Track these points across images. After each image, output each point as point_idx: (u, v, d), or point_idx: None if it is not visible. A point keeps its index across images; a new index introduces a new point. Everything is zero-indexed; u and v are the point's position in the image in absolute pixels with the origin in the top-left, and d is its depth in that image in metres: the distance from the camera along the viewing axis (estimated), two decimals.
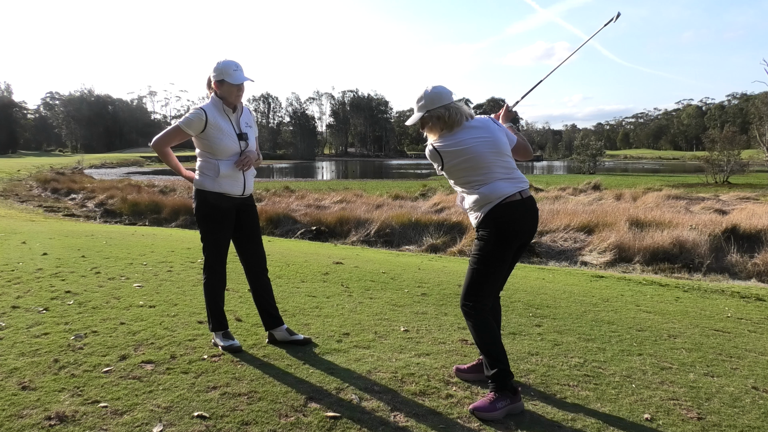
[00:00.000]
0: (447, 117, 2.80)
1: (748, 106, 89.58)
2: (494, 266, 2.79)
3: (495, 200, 2.76)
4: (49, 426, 2.41)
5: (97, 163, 58.15)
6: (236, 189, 3.37)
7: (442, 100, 2.81)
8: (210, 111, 3.27)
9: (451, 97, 2.85)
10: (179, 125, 3.27)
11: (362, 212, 14.61)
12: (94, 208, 19.70)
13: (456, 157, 2.80)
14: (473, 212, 2.86)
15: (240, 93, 3.31)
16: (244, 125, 3.39)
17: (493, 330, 2.82)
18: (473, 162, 2.79)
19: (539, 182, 29.98)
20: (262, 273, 3.57)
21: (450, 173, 2.88)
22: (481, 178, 2.80)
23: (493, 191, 2.77)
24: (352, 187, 27.14)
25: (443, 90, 2.84)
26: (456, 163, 2.81)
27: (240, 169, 3.32)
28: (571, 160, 60.95)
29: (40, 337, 3.47)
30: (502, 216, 2.75)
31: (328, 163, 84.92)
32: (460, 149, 2.79)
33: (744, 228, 11.23)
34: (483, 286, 2.80)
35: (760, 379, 3.33)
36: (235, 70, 3.24)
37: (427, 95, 2.83)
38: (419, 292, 5.26)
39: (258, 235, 3.57)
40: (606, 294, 5.93)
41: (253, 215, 3.55)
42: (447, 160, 2.82)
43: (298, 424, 2.51)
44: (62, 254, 6.53)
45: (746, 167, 36.64)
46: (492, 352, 2.76)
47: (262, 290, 3.57)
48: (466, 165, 2.80)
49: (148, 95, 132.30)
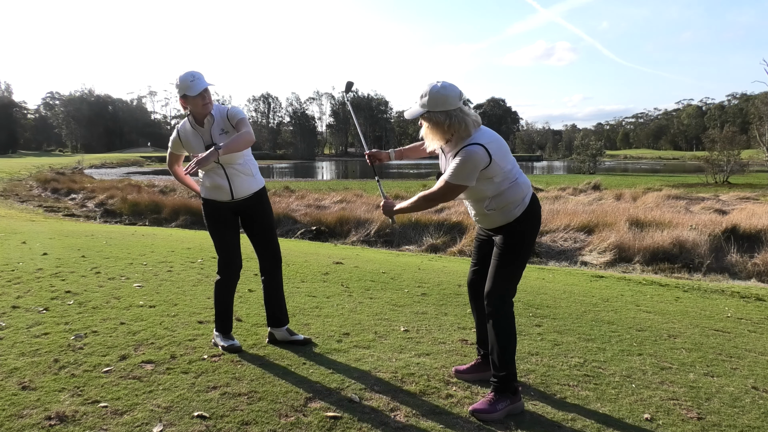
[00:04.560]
0: (446, 126, 2.60)
1: (748, 106, 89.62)
2: (526, 259, 2.81)
3: (529, 192, 2.76)
4: (49, 426, 2.41)
5: (97, 163, 58.15)
6: (223, 196, 3.38)
7: (446, 105, 2.57)
8: (182, 129, 3.38)
9: (458, 101, 2.60)
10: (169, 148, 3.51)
11: (362, 212, 14.60)
12: (94, 208, 19.69)
13: (498, 147, 2.61)
14: (512, 207, 2.70)
15: (205, 102, 3.21)
16: (217, 134, 3.28)
17: (515, 330, 2.81)
18: (505, 150, 2.68)
19: (539, 182, 29.96)
20: (273, 270, 3.54)
21: (494, 168, 2.60)
22: (515, 167, 2.72)
23: (526, 183, 2.76)
24: (352, 187, 27.12)
25: (450, 92, 2.58)
26: (500, 154, 2.61)
27: (188, 172, 3.11)
28: (571, 160, 60.90)
29: (40, 337, 3.47)
30: (535, 208, 2.77)
31: (328, 163, 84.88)
32: (495, 139, 2.64)
33: (744, 228, 11.23)
34: (516, 281, 2.80)
35: (760, 379, 3.33)
36: (192, 81, 3.14)
37: (431, 95, 2.58)
38: (419, 292, 5.26)
39: (266, 236, 3.52)
40: (606, 294, 5.93)
41: (262, 215, 3.50)
42: (494, 153, 2.58)
43: (298, 424, 2.51)
44: (62, 254, 6.53)
45: (746, 167, 36.62)
46: (512, 353, 2.75)
47: (269, 288, 3.56)
48: (503, 153, 2.64)
49: (148, 95, 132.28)
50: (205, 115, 3.27)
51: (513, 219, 2.72)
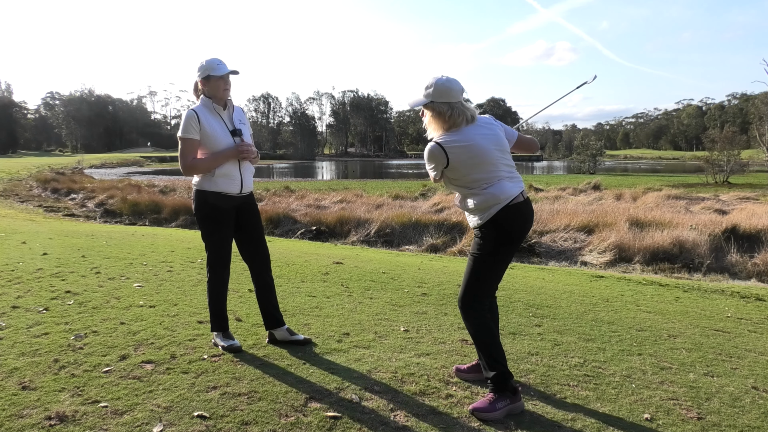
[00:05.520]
0: (447, 116, 2.71)
1: (748, 106, 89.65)
2: (496, 266, 2.78)
3: (503, 201, 2.72)
4: (49, 426, 2.41)
5: (97, 163, 58.15)
6: (233, 187, 3.35)
7: (449, 97, 2.70)
8: (200, 111, 3.30)
9: (461, 95, 2.74)
10: (180, 136, 3.28)
11: (362, 212, 14.60)
12: (94, 208, 19.69)
13: (464, 153, 2.69)
14: (477, 213, 2.78)
15: (227, 87, 3.33)
16: (237, 122, 3.40)
17: (491, 330, 2.81)
18: (481, 159, 2.72)
19: (539, 182, 29.96)
20: (265, 273, 3.55)
21: (455, 171, 2.74)
22: (488, 176, 2.73)
23: (501, 192, 2.72)
24: (352, 187, 27.13)
25: (454, 86, 2.72)
26: (464, 160, 2.70)
27: (240, 156, 3.28)
28: (571, 160, 60.90)
29: (40, 337, 3.47)
30: (507, 218, 2.73)
31: (328, 163, 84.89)
32: (468, 144, 2.70)
33: (744, 228, 11.23)
34: (482, 286, 2.79)
35: (760, 379, 3.33)
36: (219, 64, 3.28)
37: (436, 86, 2.70)
38: (419, 292, 5.26)
39: (260, 236, 3.54)
40: (606, 294, 5.93)
41: (254, 215, 3.53)
42: (453, 157, 2.69)
43: (298, 424, 2.51)
44: (62, 254, 6.53)
45: (746, 167, 36.64)
46: (492, 353, 2.75)
47: (263, 290, 3.56)
48: (473, 162, 2.71)
49: (148, 95, 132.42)
50: (224, 100, 3.36)
51: (478, 225, 2.79)
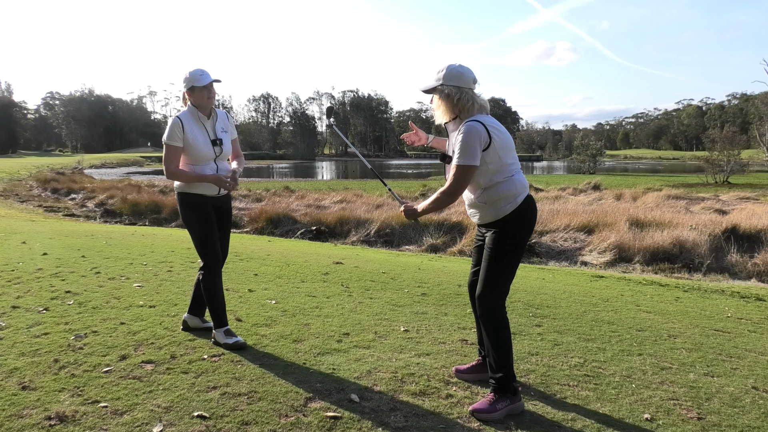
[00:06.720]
0: (456, 99, 2.69)
1: (748, 106, 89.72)
2: (517, 260, 2.78)
3: (524, 191, 2.75)
4: (49, 426, 2.41)
5: (97, 163, 58.16)
6: (212, 190, 3.52)
7: (460, 81, 2.69)
8: (185, 118, 3.42)
9: (471, 83, 2.72)
10: (165, 141, 3.41)
11: (362, 212, 14.59)
12: (94, 208, 19.69)
13: (499, 134, 2.66)
14: (502, 203, 2.70)
15: (210, 95, 3.46)
16: (219, 130, 3.54)
17: (509, 330, 2.80)
18: (510, 143, 2.71)
19: (539, 182, 29.96)
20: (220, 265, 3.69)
21: (492, 154, 2.65)
22: (515, 162, 2.74)
23: (522, 182, 2.75)
24: (352, 187, 27.11)
25: (466, 73, 2.72)
26: (501, 140, 2.65)
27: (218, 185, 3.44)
28: (571, 160, 60.93)
29: (40, 337, 3.47)
30: (528, 206, 2.75)
31: (328, 163, 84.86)
32: (498, 126, 2.69)
33: (744, 228, 11.23)
34: (508, 282, 2.77)
35: (760, 379, 3.33)
36: (201, 74, 3.40)
37: (449, 70, 2.71)
38: (419, 292, 5.26)
39: (227, 233, 3.72)
40: (606, 294, 5.93)
41: (227, 212, 3.70)
42: (494, 136, 2.64)
43: (298, 424, 2.51)
44: (62, 254, 6.53)
45: (746, 167, 36.65)
46: (507, 354, 2.74)
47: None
48: (504, 145, 2.68)
49: (148, 95, 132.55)
50: (209, 108, 3.48)
51: (502, 216, 2.72)
